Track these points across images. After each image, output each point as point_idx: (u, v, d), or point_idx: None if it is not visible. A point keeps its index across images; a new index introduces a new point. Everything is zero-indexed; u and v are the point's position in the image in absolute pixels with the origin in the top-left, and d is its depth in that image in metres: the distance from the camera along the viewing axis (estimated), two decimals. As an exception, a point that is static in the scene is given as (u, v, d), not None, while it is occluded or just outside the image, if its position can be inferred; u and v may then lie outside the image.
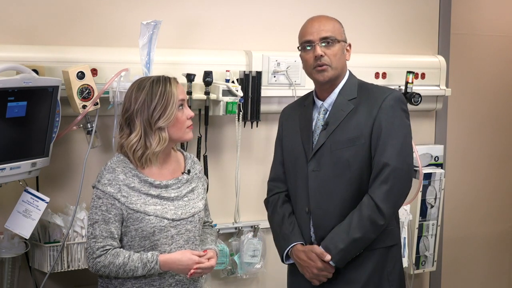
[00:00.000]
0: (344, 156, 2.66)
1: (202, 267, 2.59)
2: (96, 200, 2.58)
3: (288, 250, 2.76)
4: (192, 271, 2.57)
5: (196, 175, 2.76)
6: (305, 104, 2.82)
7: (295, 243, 2.75)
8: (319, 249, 2.67)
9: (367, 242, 2.66)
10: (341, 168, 2.67)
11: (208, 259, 2.63)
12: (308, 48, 2.70)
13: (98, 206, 2.56)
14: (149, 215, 2.57)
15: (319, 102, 2.77)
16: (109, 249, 2.54)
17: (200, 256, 2.60)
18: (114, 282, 2.59)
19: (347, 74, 2.77)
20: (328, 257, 2.65)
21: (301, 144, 2.76)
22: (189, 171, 2.73)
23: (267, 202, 2.91)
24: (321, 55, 2.66)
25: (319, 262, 2.67)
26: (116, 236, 2.56)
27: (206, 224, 2.85)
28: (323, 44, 2.67)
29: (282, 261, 2.82)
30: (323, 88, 2.75)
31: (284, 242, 2.78)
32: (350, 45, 2.77)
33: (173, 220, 2.61)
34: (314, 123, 2.76)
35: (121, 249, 2.57)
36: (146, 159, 2.61)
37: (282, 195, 2.85)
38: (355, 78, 2.79)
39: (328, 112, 2.73)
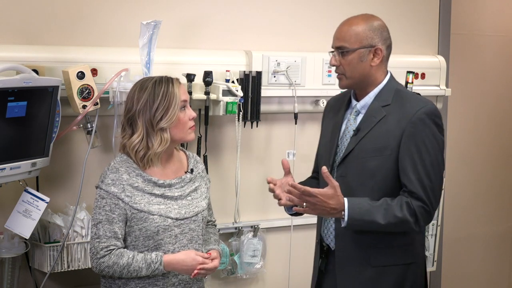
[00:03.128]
0: (369, 165, 2.56)
1: (205, 267, 2.59)
2: (99, 200, 2.58)
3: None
4: (195, 271, 2.57)
5: (199, 174, 2.76)
6: (345, 100, 2.73)
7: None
8: None
9: (386, 224, 2.48)
10: (364, 177, 2.57)
11: (212, 259, 2.64)
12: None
13: (102, 206, 2.56)
14: (153, 215, 2.57)
15: (353, 102, 2.67)
16: (113, 249, 2.54)
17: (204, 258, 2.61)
18: (117, 282, 2.59)
19: (386, 78, 2.64)
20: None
21: (331, 147, 2.68)
22: (192, 170, 2.73)
23: None
24: (334, 65, 2.61)
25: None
26: (120, 236, 2.56)
27: (209, 223, 2.85)
28: (340, 52, 2.59)
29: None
30: (355, 91, 2.68)
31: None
32: (377, 49, 2.59)
33: (177, 219, 2.61)
34: (344, 125, 2.67)
35: (125, 249, 2.57)
36: (148, 160, 2.61)
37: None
38: (393, 83, 2.65)
39: (359, 115, 2.64)
